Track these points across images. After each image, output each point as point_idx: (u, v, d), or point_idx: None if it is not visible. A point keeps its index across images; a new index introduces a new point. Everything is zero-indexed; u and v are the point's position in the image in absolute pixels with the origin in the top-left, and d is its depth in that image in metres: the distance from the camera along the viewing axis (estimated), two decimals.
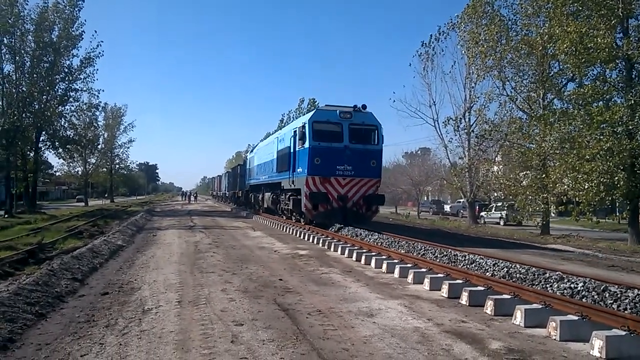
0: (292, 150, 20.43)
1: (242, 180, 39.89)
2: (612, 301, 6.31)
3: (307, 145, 18.51)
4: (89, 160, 58.06)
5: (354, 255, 12.14)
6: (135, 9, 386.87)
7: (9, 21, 30.70)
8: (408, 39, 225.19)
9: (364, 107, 19.15)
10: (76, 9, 34.59)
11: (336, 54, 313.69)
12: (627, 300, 6.16)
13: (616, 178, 19.28)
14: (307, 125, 18.63)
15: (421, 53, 33.66)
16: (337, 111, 18.92)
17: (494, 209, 38.75)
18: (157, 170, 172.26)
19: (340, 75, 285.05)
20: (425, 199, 60.50)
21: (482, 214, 38.84)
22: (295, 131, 20.04)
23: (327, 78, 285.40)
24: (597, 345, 5.16)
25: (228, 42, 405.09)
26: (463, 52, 30.22)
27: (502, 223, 36.37)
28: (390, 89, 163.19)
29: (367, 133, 19.22)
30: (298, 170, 19.62)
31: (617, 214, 32.29)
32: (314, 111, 20.97)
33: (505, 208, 36.61)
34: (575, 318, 5.79)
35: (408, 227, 26.65)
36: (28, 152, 36.66)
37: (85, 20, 35.49)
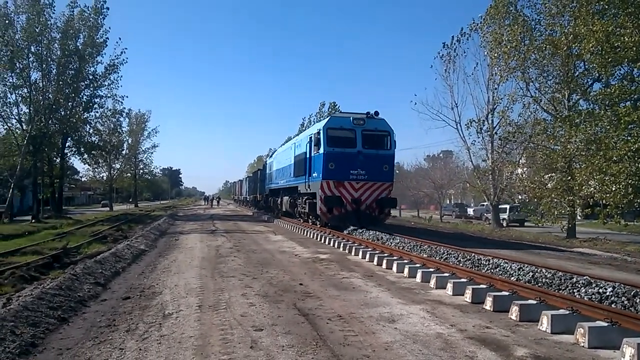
0: (307, 156, 21.06)
1: (262, 184, 40.73)
2: None
3: (322, 150, 19.15)
4: (113, 165, 58.97)
5: (375, 259, 12.00)
6: (157, 14, 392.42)
7: (37, 30, 31.37)
8: (431, 41, 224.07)
9: (377, 113, 19.68)
10: (101, 17, 35.22)
11: (358, 57, 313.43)
12: None
13: None
14: (322, 132, 19.26)
15: (443, 55, 33.44)
16: (351, 118, 19.53)
17: (483, 210, 42.24)
18: (180, 175, 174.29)
19: (361, 76, 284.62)
20: (448, 202, 59.92)
21: (485, 214, 41.86)
22: (310, 137, 20.74)
23: (349, 80, 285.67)
24: (628, 353, 4.96)
25: (249, 47, 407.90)
26: (486, 53, 29.90)
27: (505, 224, 37.82)
28: (413, 90, 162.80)
29: (380, 139, 19.73)
30: (314, 174, 20.23)
31: None
32: (328, 118, 21.67)
33: (508, 209, 39.75)
34: (605, 324, 5.59)
35: (430, 230, 26.37)
36: (54, 158, 37.43)
37: (109, 28, 36.16)
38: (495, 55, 27.06)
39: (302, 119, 73.03)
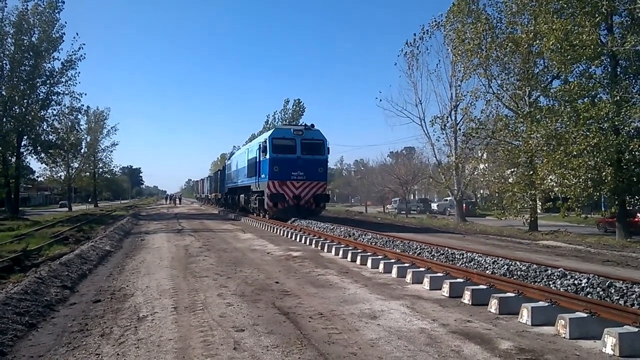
0: (257, 160, 25.06)
1: (222, 184, 44.33)
2: (618, 297, 6.24)
3: (268, 156, 23.05)
4: (71, 164, 57.10)
5: (349, 255, 11.97)
6: (118, 12, 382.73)
7: None
8: (395, 37, 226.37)
9: (312, 125, 24.00)
10: (56, 11, 33.98)
11: (321, 52, 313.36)
12: (634, 296, 6.08)
13: (604, 173, 19.40)
14: (268, 141, 23.31)
15: (406, 52, 33.76)
16: (292, 129, 24.15)
17: (392, 202, 55.75)
18: (140, 174, 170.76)
19: (326, 73, 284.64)
20: (412, 197, 60.59)
21: (388, 205, 54.44)
22: (260, 145, 24.84)
23: (313, 77, 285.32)
24: (609, 342, 5.06)
25: (212, 45, 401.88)
26: (449, 50, 30.31)
27: (396, 211, 49.75)
28: (377, 87, 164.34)
29: (315, 146, 23.69)
30: (262, 176, 24.20)
31: (603, 210, 32.59)
32: (273, 130, 25.67)
33: (398, 201, 53.22)
34: (584, 315, 5.69)
35: (397, 225, 26.58)
36: (9, 158, 35.90)
37: (65, 23, 34.87)
38: (459, 52, 27.48)
39: (267, 116, 72.69)
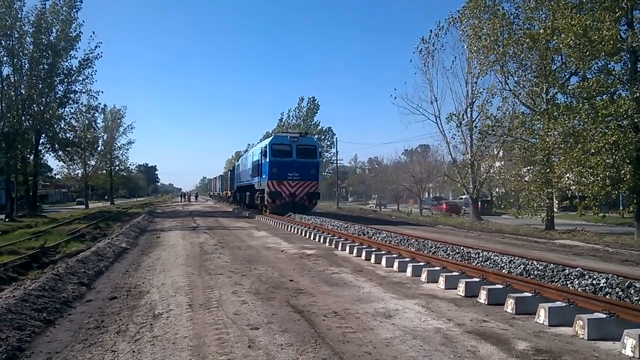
0: (260, 162, 28.80)
1: (231, 182, 48.72)
2: (638, 298, 6.13)
3: (268, 159, 26.82)
4: (88, 162, 57.85)
5: (363, 254, 11.94)
6: (133, 9, 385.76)
7: (7, 23, 30.46)
8: (412, 34, 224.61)
9: (306, 133, 29.56)
10: (74, 10, 34.38)
11: (337, 51, 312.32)
12: None
13: (622, 172, 19.07)
14: (268, 146, 27.22)
15: (421, 49, 33.50)
16: (288, 136, 28.25)
17: (371, 199, 63.10)
18: (156, 172, 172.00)
19: (341, 71, 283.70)
20: (427, 195, 60.25)
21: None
22: (262, 149, 28.68)
23: (328, 74, 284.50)
24: (629, 344, 4.97)
25: (228, 42, 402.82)
26: (465, 46, 30.02)
27: (377, 208, 54.11)
28: (392, 84, 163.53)
29: (309, 151, 27.58)
30: (263, 176, 27.84)
31: (621, 208, 32.09)
32: (272, 137, 29.98)
33: (377, 197, 61.23)
34: (603, 316, 5.59)
35: (412, 224, 26.46)
36: (28, 155, 36.43)
37: (83, 21, 35.31)
38: (475, 48, 27.21)
39: (281, 114, 73.00)
